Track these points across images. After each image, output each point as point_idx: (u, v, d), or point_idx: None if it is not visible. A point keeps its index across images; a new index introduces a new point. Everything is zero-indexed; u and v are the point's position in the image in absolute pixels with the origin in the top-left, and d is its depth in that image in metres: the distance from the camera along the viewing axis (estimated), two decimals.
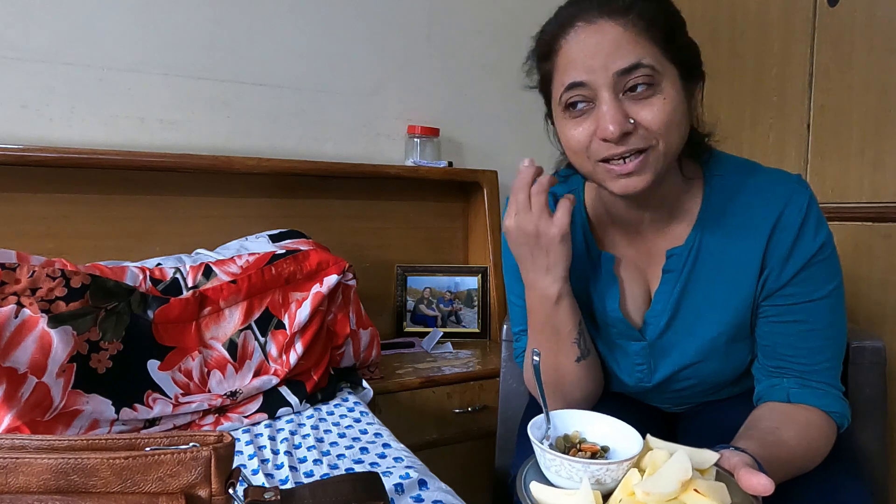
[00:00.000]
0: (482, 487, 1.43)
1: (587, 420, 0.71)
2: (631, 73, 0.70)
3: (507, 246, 0.90)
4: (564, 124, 0.76)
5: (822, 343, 0.78)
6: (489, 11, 1.94)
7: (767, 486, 0.57)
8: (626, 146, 0.71)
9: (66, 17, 1.44)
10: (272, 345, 1.19)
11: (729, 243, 0.80)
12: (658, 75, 0.71)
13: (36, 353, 0.96)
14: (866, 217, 1.46)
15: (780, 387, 0.79)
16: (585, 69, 0.71)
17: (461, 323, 1.83)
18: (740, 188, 0.81)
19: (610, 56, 0.70)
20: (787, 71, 1.62)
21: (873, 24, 1.44)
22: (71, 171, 1.42)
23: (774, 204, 0.78)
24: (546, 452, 0.63)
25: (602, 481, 0.61)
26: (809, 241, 0.77)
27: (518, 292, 0.94)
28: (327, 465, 0.92)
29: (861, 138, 1.47)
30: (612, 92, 0.70)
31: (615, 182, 0.74)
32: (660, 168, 0.73)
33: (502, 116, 1.98)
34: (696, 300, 0.83)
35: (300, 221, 1.61)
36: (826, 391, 0.78)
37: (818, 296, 0.77)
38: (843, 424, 0.78)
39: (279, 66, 1.67)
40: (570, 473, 0.61)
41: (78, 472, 0.52)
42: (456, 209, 1.93)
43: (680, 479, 0.56)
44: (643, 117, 0.71)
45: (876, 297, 1.45)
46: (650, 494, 0.56)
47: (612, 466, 0.61)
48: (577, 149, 0.75)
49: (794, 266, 0.77)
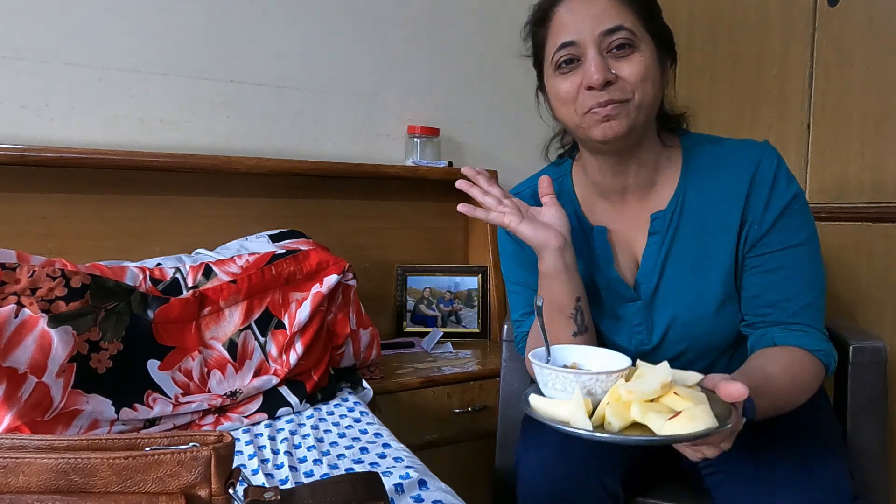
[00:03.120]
0: (482, 487, 1.43)
1: (584, 353, 0.77)
2: (614, 34, 0.81)
3: (504, 233, 1.00)
4: (556, 81, 0.86)
5: (803, 287, 0.85)
6: (489, 11, 1.94)
7: (742, 391, 0.63)
8: (608, 95, 0.81)
9: (66, 17, 1.44)
10: (272, 345, 1.19)
11: (709, 203, 0.88)
12: (636, 39, 0.82)
13: (36, 353, 0.96)
14: (866, 217, 1.46)
15: (766, 335, 0.86)
16: (576, 31, 0.82)
17: (461, 323, 1.83)
18: (715, 154, 0.90)
19: (596, 19, 0.81)
20: (787, 71, 1.62)
21: (873, 24, 1.44)
22: (71, 171, 1.42)
23: (748, 164, 0.87)
24: (543, 368, 0.70)
25: (592, 391, 0.66)
26: (783, 190, 0.85)
27: (515, 278, 1.02)
28: (327, 465, 0.92)
29: (861, 138, 1.47)
30: (597, 49, 0.81)
31: (598, 127, 0.83)
32: (634, 118, 0.82)
33: (502, 116, 1.98)
34: (682, 258, 0.90)
35: (300, 221, 1.61)
36: (809, 332, 0.84)
37: (797, 241, 0.85)
38: (829, 364, 0.84)
39: (279, 66, 1.67)
40: (564, 385, 0.68)
41: (78, 472, 0.52)
42: (456, 209, 1.93)
43: (661, 381, 0.63)
44: (623, 70, 0.81)
45: (876, 297, 1.45)
46: (633, 392, 0.62)
47: (602, 377, 0.67)
48: (566, 100, 0.85)
49: (773, 213, 0.85)
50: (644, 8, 0.83)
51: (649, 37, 0.83)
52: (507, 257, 1.03)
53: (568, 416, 0.64)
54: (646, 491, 0.97)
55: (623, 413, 0.62)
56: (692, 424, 0.59)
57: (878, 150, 1.44)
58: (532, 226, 0.87)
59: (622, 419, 0.62)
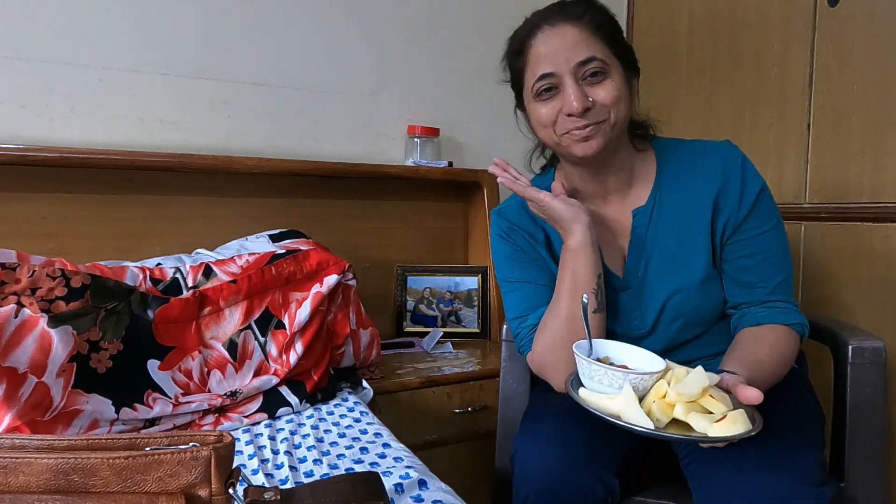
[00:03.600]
0: (482, 487, 1.43)
1: (616, 349, 0.86)
2: (587, 65, 0.90)
3: (497, 237, 1.08)
4: (536, 106, 0.96)
5: (778, 267, 0.97)
6: (489, 12, 1.94)
7: (759, 396, 0.74)
8: (586, 119, 0.91)
9: (66, 17, 1.44)
10: (272, 345, 1.19)
11: (684, 195, 0.99)
12: (607, 66, 0.91)
13: (36, 353, 0.96)
14: (866, 217, 1.46)
15: (749, 314, 0.96)
16: (552, 62, 0.91)
17: (461, 323, 1.83)
18: (686, 153, 1.01)
19: (570, 51, 0.90)
20: (787, 71, 1.62)
21: (873, 24, 1.44)
22: (71, 171, 1.42)
23: (717, 160, 0.98)
24: (592, 364, 0.78)
25: (636, 388, 0.74)
26: (753, 182, 0.96)
27: (515, 277, 1.06)
28: (327, 464, 0.92)
29: (861, 138, 1.47)
30: (573, 78, 0.91)
31: (577, 146, 0.93)
32: (609, 135, 0.93)
33: (502, 116, 1.96)
34: (664, 246, 0.99)
35: (300, 221, 1.61)
36: (785, 308, 0.95)
37: (768, 227, 0.96)
38: (803, 333, 0.96)
39: (279, 66, 1.67)
40: (611, 381, 0.76)
41: (78, 472, 0.52)
42: (456, 209, 1.93)
43: (703, 385, 0.72)
44: (598, 96, 0.91)
45: (876, 297, 1.45)
46: (680, 395, 0.72)
47: (645, 377, 0.75)
48: (546, 123, 0.95)
49: (748, 203, 0.95)
50: (610, 36, 0.93)
51: (617, 60, 0.93)
52: (504, 260, 1.08)
53: (618, 411, 0.73)
54: (641, 489, 0.97)
55: (667, 411, 0.72)
56: (734, 427, 0.69)
57: (878, 150, 1.44)
58: (563, 202, 0.96)
59: (666, 416, 0.72)
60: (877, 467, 0.99)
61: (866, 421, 0.99)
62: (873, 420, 0.99)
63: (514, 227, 1.08)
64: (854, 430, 1.00)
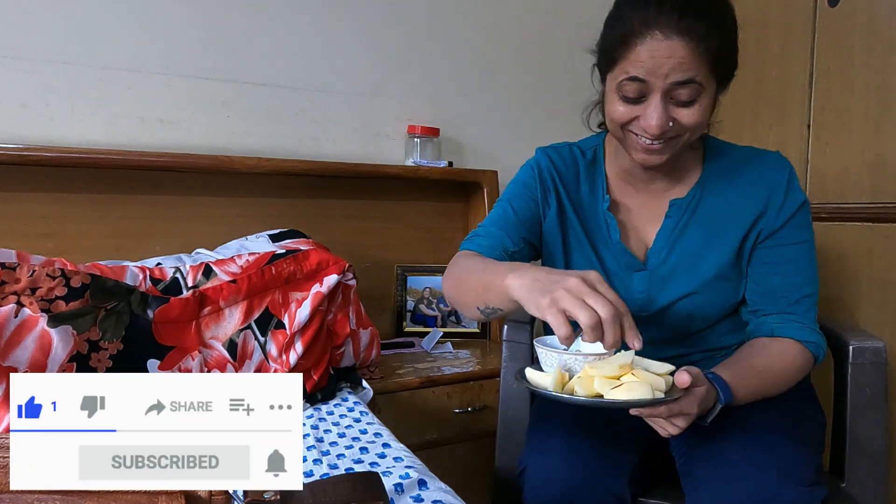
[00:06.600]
0: (482, 487, 1.43)
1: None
2: (683, 86, 0.83)
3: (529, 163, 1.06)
4: (614, 99, 0.89)
5: (803, 280, 0.95)
6: (489, 12, 1.94)
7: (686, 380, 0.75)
8: (661, 139, 0.87)
9: (66, 17, 1.44)
10: (272, 344, 1.19)
11: (724, 198, 0.98)
12: (702, 89, 0.84)
13: (36, 353, 0.96)
14: (866, 217, 1.46)
15: (765, 324, 0.95)
16: (648, 71, 0.83)
17: (461, 323, 1.83)
18: (735, 157, 1.00)
19: (672, 68, 0.82)
20: (787, 71, 1.62)
21: (873, 24, 1.44)
22: (71, 170, 1.42)
23: (764, 170, 0.97)
24: (538, 347, 0.81)
25: (572, 370, 0.78)
26: (797, 193, 0.96)
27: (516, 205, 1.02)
28: (327, 464, 0.92)
29: (861, 138, 1.47)
30: (662, 94, 0.84)
31: (638, 153, 0.90)
32: (675, 150, 0.90)
33: (502, 116, 1.98)
34: (692, 241, 0.98)
35: (300, 221, 1.61)
36: (804, 324, 0.93)
37: (801, 239, 0.96)
38: (818, 355, 0.93)
39: (279, 66, 1.67)
40: (551, 362, 0.80)
41: None
42: (456, 209, 1.93)
43: (619, 363, 0.76)
44: (682, 117, 0.85)
45: (876, 298, 1.45)
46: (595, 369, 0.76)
47: (580, 357, 0.78)
48: (618, 120, 0.89)
49: (787, 212, 0.95)
50: (718, 56, 0.83)
51: (714, 80, 0.86)
52: (519, 185, 1.05)
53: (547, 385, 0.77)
54: (647, 491, 0.97)
55: (588, 386, 0.75)
56: (630, 393, 0.73)
57: (878, 150, 1.44)
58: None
59: (587, 390, 0.75)
60: (877, 467, 0.99)
61: (866, 421, 1.00)
62: (873, 420, 0.99)
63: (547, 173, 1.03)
64: (854, 431, 1.00)
